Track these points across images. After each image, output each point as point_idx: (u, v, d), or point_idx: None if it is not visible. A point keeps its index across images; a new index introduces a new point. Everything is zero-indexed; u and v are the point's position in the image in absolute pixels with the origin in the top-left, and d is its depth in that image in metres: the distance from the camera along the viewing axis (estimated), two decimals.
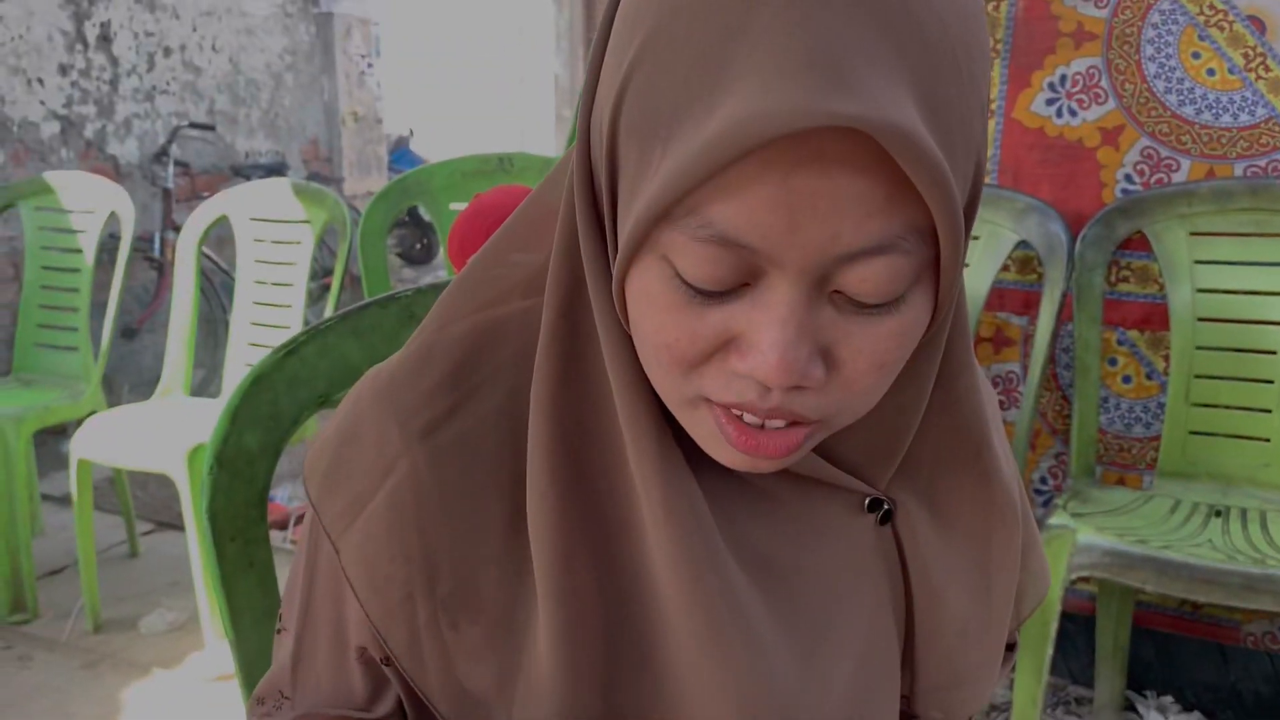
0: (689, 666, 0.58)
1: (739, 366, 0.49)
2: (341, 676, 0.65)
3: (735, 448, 0.52)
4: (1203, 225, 1.92)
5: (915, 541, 0.64)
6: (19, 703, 2.25)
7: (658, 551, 0.57)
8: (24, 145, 4.10)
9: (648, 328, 0.50)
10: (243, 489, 0.83)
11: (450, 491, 0.58)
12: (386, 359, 0.65)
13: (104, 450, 2.47)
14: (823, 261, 0.46)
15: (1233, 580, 1.55)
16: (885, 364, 0.50)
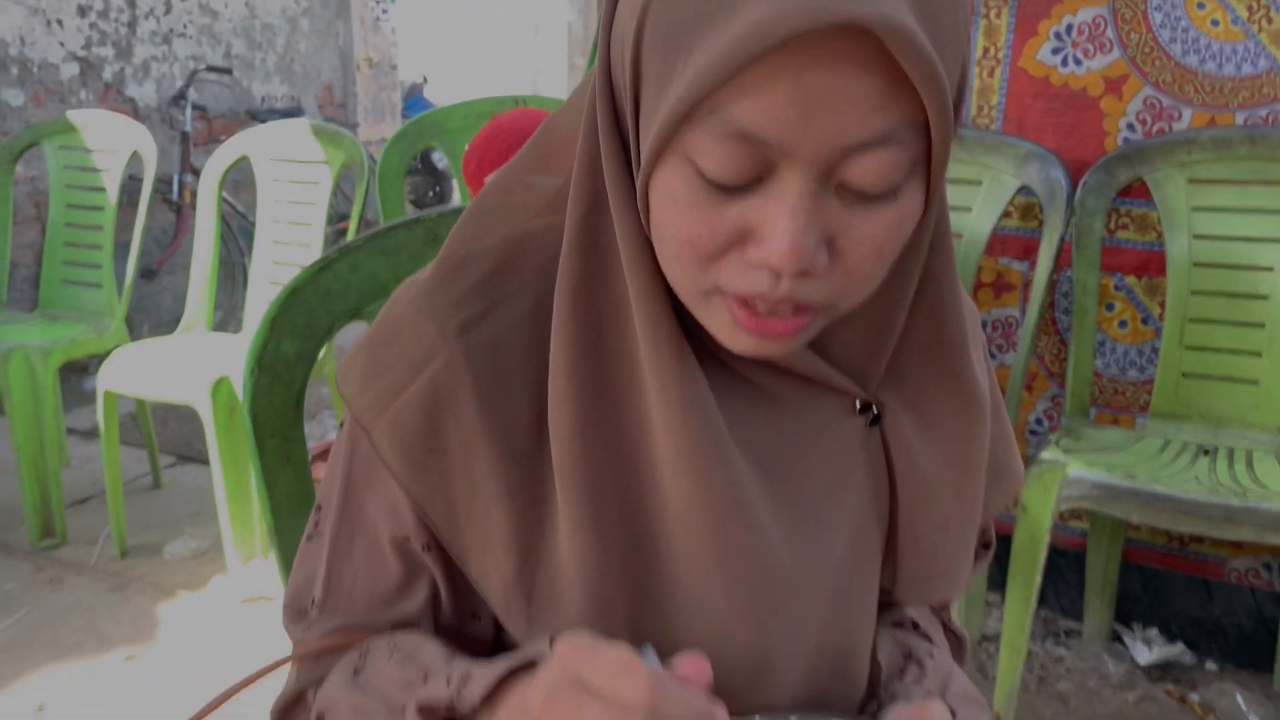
0: (696, 547, 0.64)
1: (753, 256, 0.55)
2: (376, 569, 0.71)
3: (746, 330, 0.58)
4: (1202, 173, 1.97)
5: (901, 443, 0.71)
6: (52, 622, 2.35)
7: (668, 444, 0.63)
8: (44, 86, 4.15)
9: (671, 226, 0.56)
10: (281, 391, 0.90)
11: (482, 385, 0.64)
12: (414, 274, 0.71)
13: (130, 382, 2.55)
14: (831, 153, 0.51)
15: (1214, 512, 1.62)
16: (883, 252, 0.56)
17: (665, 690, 0.51)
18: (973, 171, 2.08)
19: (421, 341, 0.65)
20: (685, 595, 0.65)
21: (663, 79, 0.53)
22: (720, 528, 0.63)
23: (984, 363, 0.77)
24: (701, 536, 0.63)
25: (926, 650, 0.79)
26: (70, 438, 3.34)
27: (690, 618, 0.65)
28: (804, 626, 0.68)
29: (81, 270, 3.00)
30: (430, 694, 0.61)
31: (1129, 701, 1.99)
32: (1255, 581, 2.06)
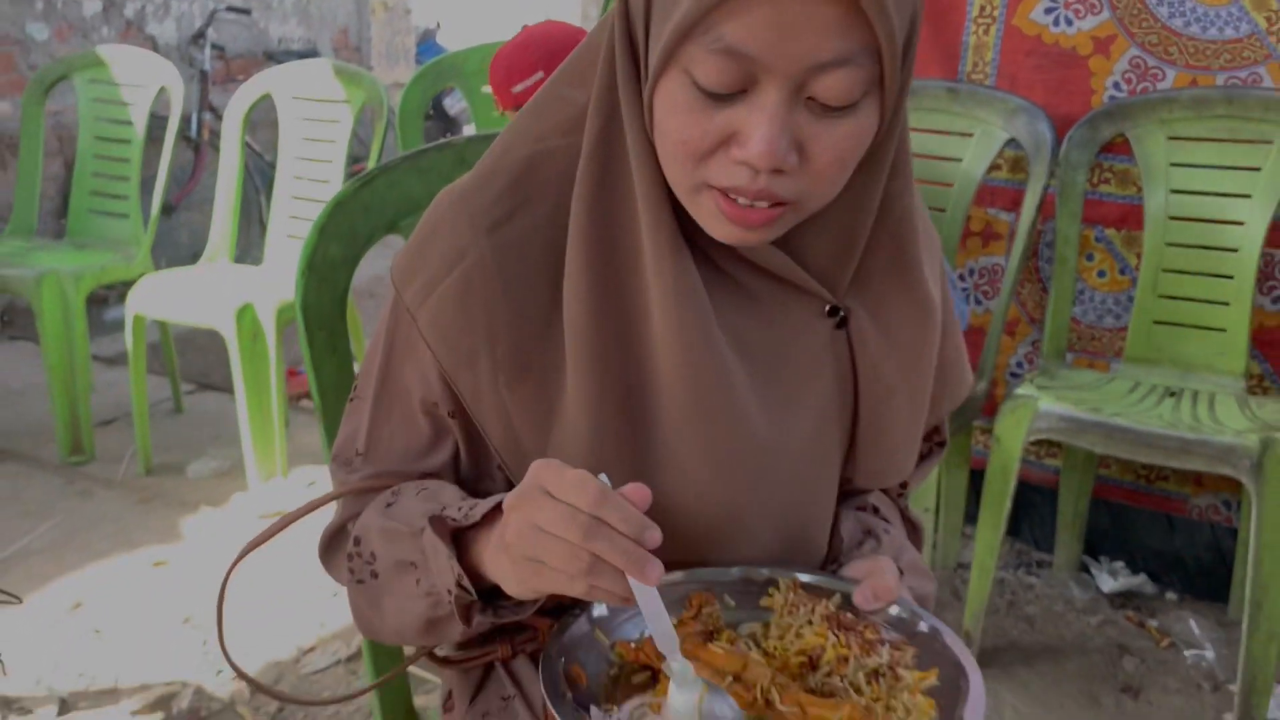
0: (681, 411, 0.77)
1: (736, 154, 0.67)
2: (410, 428, 0.85)
3: (729, 220, 0.70)
4: (1181, 130, 2.07)
5: (864, 344, 0.83)
6: (84, 529, 2.50)
7: (662, 321, 0.76)
8: (67, 22, 4.24)
9: (670, 128, 0.69)
10: (328, 290, 1.03)
11: (509, 276, 0.77)
12: (451, 183, 0.83)
13: (157, 307, 2.68)
14: (801, 70, 0.64)
15: (1170, 444, 1.75)
16: (843, 159, 0.69)
17: (609, 500, 0.64)
18: (965, 124, 2.19)
19: (457, 239, 0.78)
20: (672, 455, 0.78)
21: (669, 4, 0.66)
22: (703, 395, 0.76)
23: (938, 280, 0.89)
24: (686, 402, 0.76)
25: (883, 528, 0.92)
26: (94, 364, 3.48)
27: (676, 474, 0.78)
28: (772, 492, 0.81)
29: (108, 201, 3.12)
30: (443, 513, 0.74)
31: (1091, 625, 2.14)
32: (1215, 518, 2.20)
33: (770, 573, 0.81)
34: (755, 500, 0.80)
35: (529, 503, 0.66)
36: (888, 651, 0.74)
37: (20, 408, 3.22)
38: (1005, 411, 1.90)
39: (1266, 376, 2.13)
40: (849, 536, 0.90)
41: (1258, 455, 1.71)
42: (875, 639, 0.75)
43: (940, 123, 2.21)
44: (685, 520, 0.79)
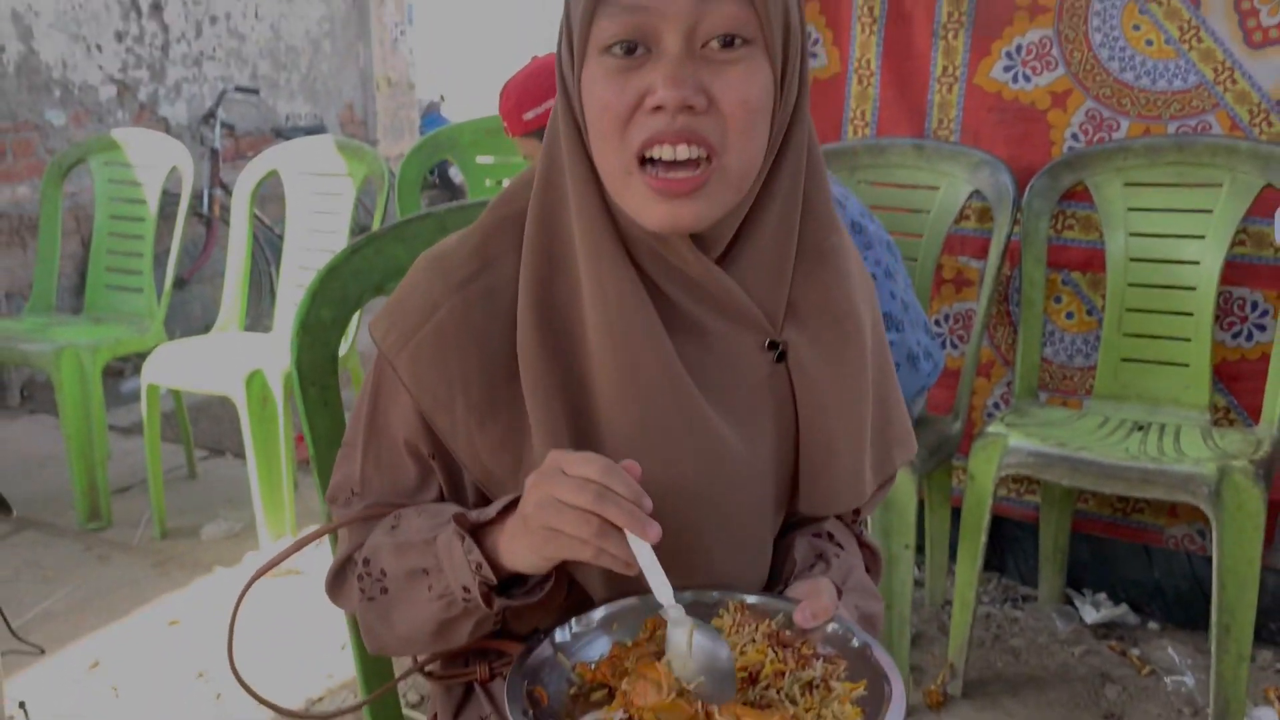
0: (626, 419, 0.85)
1: (649, 103, 0.78)
2: (397, 468, 0.94)
3: (658, 195, 0.80)
4: (1136, 176, 2.18)
5: (803, 377, 0.91)
6: (102, 592, 2.60)
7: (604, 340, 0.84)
8: (84, 108, 4.43)
9: (595, 101, 0.81)
10: (320, 349, 1.13)
11: (478, 326, 0.87)
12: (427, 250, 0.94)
13: (170, 376, 2.79)
14: (688, 9, 0.76)
15: (1131, 474, 1.84)
16: (745, 100, 0.79)
17: (614, 472, 0.75)
18: (931, 178, 2.30)
19: (431, 294, 0.88)
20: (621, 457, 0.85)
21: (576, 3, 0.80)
22: (649, 399, 0.84)
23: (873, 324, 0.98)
24: (629, 409, 0.85)
25: (834, 552, 1.00)
26: (111, 434, 3.59)
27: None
28: (715, 506, 0.89)
29: (124, 276, 3.25)
30: (462, 513, 0.84)
31: (1074, 655, 2.20)
32: (1190, 547, 2.27)
33: (720, 595, 0.90)
34: (694, 506, 0.88)
35: (548, 480, 0.76)
36: (821, 665, 0.82)
37: (41, 478, 3.33)
38: (977, 449, 1.99)
39: (1232, 409, 2.21)
40: (801, 560, 0.97)
41: (1215, 483, 1.79)
42: (810, 654, 0.82)
43: (908, 177, 2.33)
44: None
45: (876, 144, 2.40)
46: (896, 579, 1.99)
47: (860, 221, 1.83)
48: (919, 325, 1.89)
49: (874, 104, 2.49)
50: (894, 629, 2.00)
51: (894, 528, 1.97)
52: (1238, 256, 2.15)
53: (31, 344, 2.92)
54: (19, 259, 4.21)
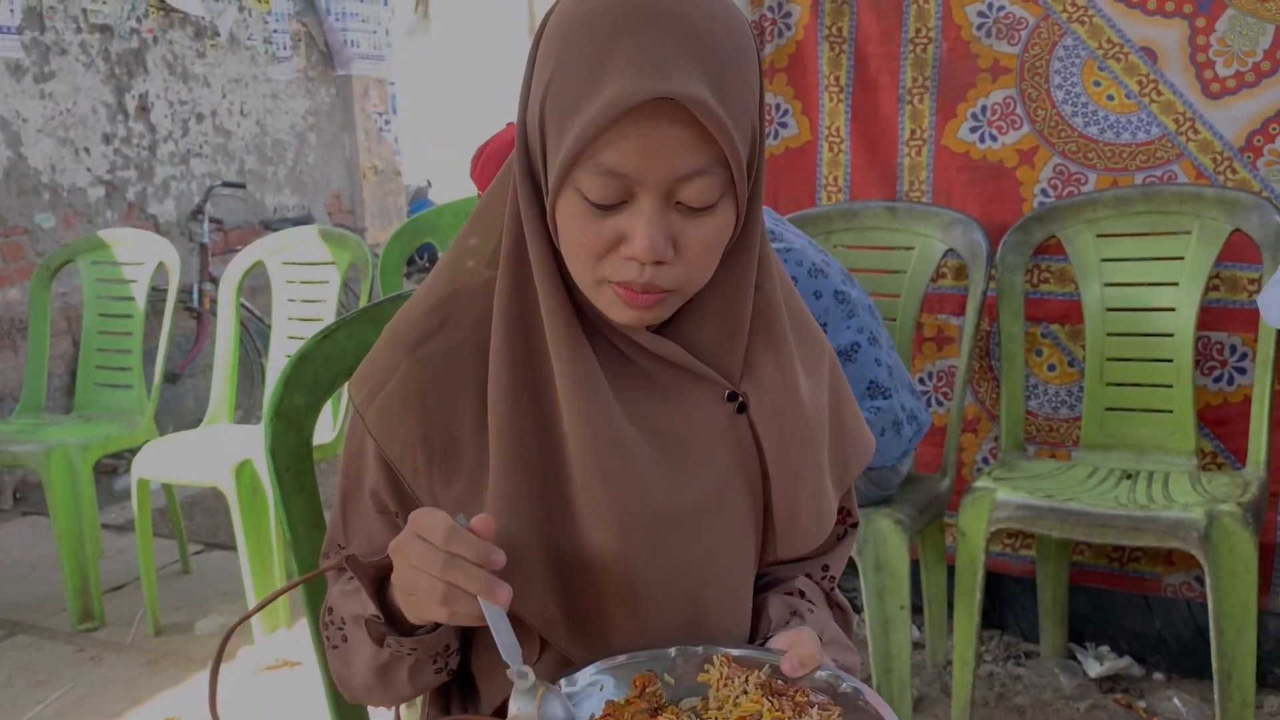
0: (586, 473, 0.87)
1: (625, 251, 0.82)
2: (372, 521, 0.96)
3: (626, 305, 0.85)
4: (1106, 227, 2.21)
5: (765, 424, 0.94)
6: (96, 694, 2.56)
7: (565, 405, 0.87)
8: (73, 209, 4.49)
9: (570, 235, 0.84)
10: (294, 435, 1.14)
11: (436, 384, 0.90)
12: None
13: (161, 469, 2.79)
14: (668, 181, 0.80)
15: (1120, 522, 1.83)
16: (709, 247, 0.85)
17: (455, 535, 0.78)
18: (905, 239, 2.33)
19: (390, 358, 0.92)
20: (582, 524, 0.88)
21: (560, 137, 0.81)
22: (605, 465, 0.87)
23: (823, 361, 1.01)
24: (590, 472, 0.87)
25: (807, 608, 1.01)
26: (104, 532, 3.57)
27: (587, 542, 0.88)
28: (674, 555, 0.90)
29: (113, 374, 3.27)
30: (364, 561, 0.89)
31: (1080, 710, 2.17)
32: (1189, 594, 2.25)
33: (705, 650, 0.90)
34: (657, 564, 0.90)
35: (402, 545, 0.81)
36: (817, 713, 0.83)
37: (33, 580, 3.30)
38: (966, 504, 1.99)
39: (1219, 453, 2.21)
40: (776, 618, 0.98)
41: (1205, 527, 1.79)
42: (805, 702, 0.84)
43: (882, 239, 2.36)
44: (596, 581, 0.89)
45: (850, 208, 2.43)
46: (894, 641, 1.97)
47: (843, 289, 1.83)
48: (904, 387, 1.90)
49: (845, 169, 2.53)
50: (895, 692, 1.97)
51: (888, 589, 1.95)
52: (1213, 301, 2.18)
53: (21, 445, 2.92)
54: (10, 361, 4.23)
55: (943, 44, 2.39)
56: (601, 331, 0.90)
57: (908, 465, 1.98)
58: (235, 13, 5.19)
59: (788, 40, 2.56)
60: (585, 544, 0.89)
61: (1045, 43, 2.30)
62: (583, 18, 0.80)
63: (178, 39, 4.91)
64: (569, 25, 0.81)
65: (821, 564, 1.07)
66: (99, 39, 4.55)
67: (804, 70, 2.55)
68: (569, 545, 0.89)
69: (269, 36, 5.39)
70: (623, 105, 0.77)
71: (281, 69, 5.48)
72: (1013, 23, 2.32)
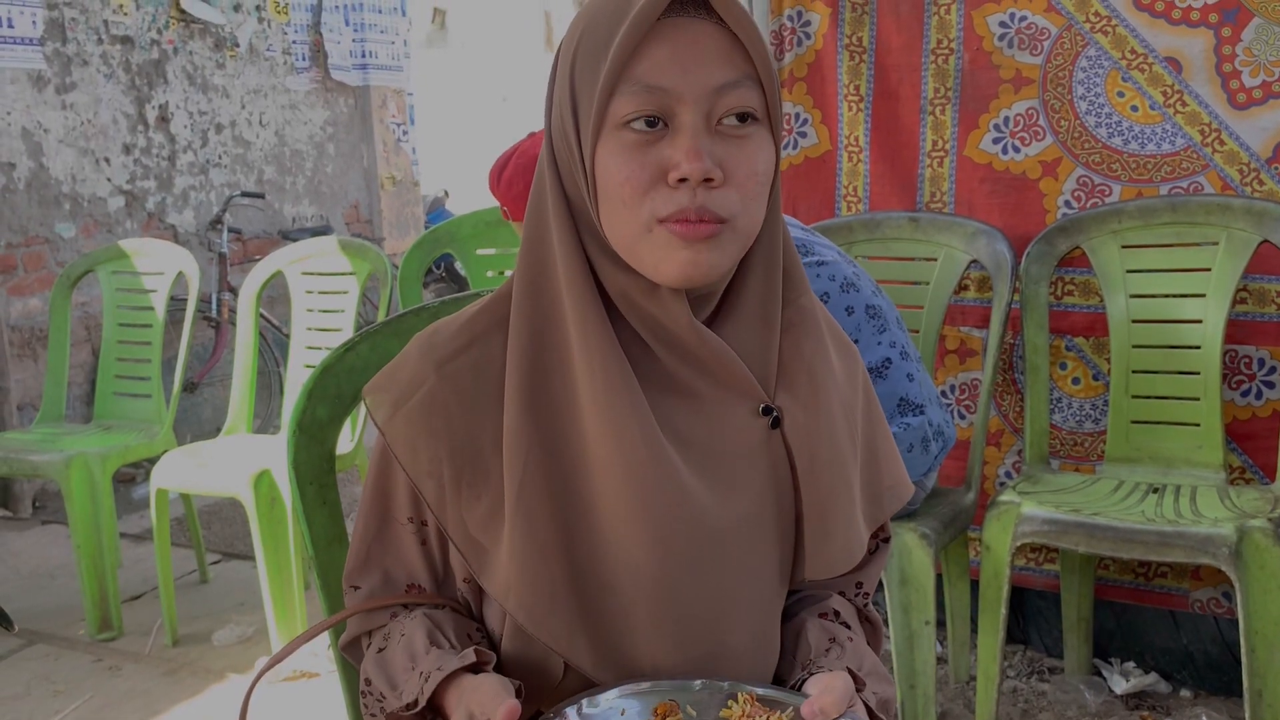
0: (615, 505, 0.85)
1: (672, 177, 0.81)
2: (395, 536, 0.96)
3: (679, 239, 0.81)
4: (1131, 239, 2.19)
5: (799, 439, 0.91)
6: (113, 705, 2.56)
7: (590, 412, 0.85)
8: (93, 219, 4.51)
9: (614, 174, 0.82)
10: (317, 447, 1.13)
11: (463, 400, 0.89)
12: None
13: (178, 479, 2.79)
14: (706, 92, 0.80)
15: (1149, 537, 1.81)
16: (756, 170, 0.83)
17: None
18: (928, 250, 2.32)
19: (419, 371, 0.91)
20: (610, 531, 0.86)
21: (593, 81, 0.82)
22: (634, 469, 0.84)
23: (856, 377, 0.99)
24: (617, 476, 0.84)
25: (846, 636, 0.99)
26: (122, 542, 3.57)
27: (613, 560, 0.86)
28: (709, 573, 0.88)
29: (132, 383, 3.27)
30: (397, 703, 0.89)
31: None
32: (1217, 610, 2.22)
33: (730, 686, 0.88)
34: (691, 583, 0.87)
35: None
36: None
37: (52, 589, 3.31)
38: (990, 518, 1.97)
39: (1248, 468, 2.19)
40: (815, 644, 0.96)
41: (1235, 543, 1.76)
42: None
43: (905, 250, 2.34)
44: (623, 601, 0.86)
45: (872, 218, 2.42)
46: (919, 657, 1.95)
47: (874, 303, 1.80)
48: (933, 401, 1.87)
49: (865, 180, 2.51)
50: (919, 708, 1.95)
51: (913, 604, 1.93)
52: (1241, 314, 2.15)
53: (41, 454, 2.92)
54: (30, 370, 4.25)
55: (964, 55, 2.38)
56: (636, 336, 0.87)
57: (933, 480, 1.96)
58: (255, 24, 5.22)
59: (807, 49, 2.55)
60: (613, 563, 0.87)
61: (1068, 53, 2.28)
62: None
63: (198, 50, 4.94)
64: (589, 3, 0.85)
65: (855, 580, 1.05)
66: (120, 50, 4.58)
67: (823, 80, 2.54)
68: (592, 564, 0.87)
69: (288, 47, 5.41)
70: (653, 11, 0.79)
71: (300, 80, 5.50)
72: (1035, 33, 2.30)
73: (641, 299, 0.86)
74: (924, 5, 2.41)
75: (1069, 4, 2.26)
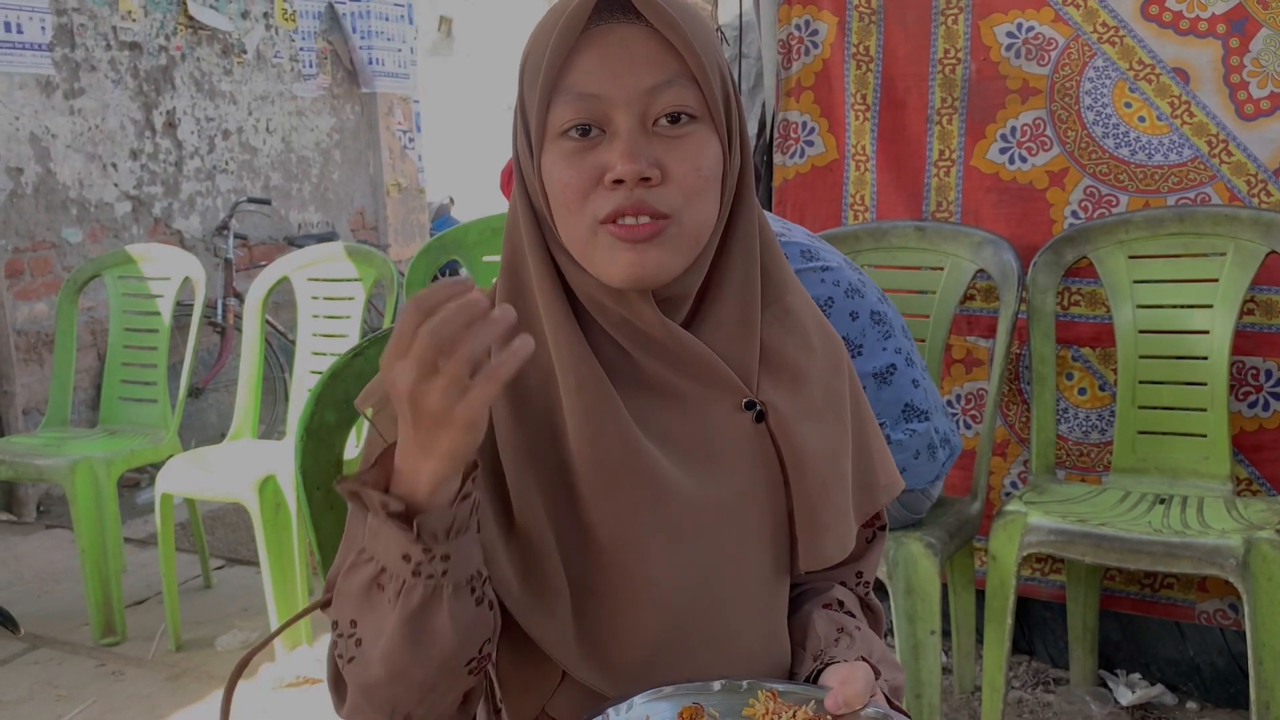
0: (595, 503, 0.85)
1: (608, 179, 0.82)
2: None
3: (622, 243, 0.82)
4: (1139, 249, 2.18)
5: (785, 432, 0.92)
6: (116, 709, 2.55)
7: (568, 413, 0.85)
8: (100, 224, 4.52)
9: (556, 180, 0.84)
10: (325, 452, 1.13)
11: None
12: None
13: (183, 484, 2.79)
14: (637, 96, 0.81)
15: (1155, 548, 1.80)
16: (698, 167, 0.84)
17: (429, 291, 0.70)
18: (935, 259, 2.32)
19: None
20: (594, 529, 0.86)
21: (533, 95, 0.84)
22: (610, 466, 0.85)
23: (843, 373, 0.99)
24: (595, 476, 0.85)
25: (854, 625, 1.00)
26: (126, 547, 3.57)
27: (600, 550, 0.87)
28: (692, 563, 0.88)
29: (138, 388, 3.28)
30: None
31: None
32: (1224, 622, 2.21)
33: (750, 684, 0.89)
34: (675, 572, 0.88)
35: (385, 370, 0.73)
36: None
37: (56, 594, 3.31)
38: (997, 528, 1.96)
39: (1255, 480, 2.18)
40: (824, 634, 0.96)
41: (1243, 554, 1.76)
42: None
43: (911, 259, 2.34)
44: (611, 599, 0.87)
45: (878, 227, 2.42)
46: (924, 667, 1.94)
47: (879, 309, 1.81)
48: (938, 409, 1.87)
49: (872, 189, 2.51)
50: (924, 718, 1.94)
51: (919, 613, 1.93)
52: (1248, 326, 2.15)
53: (46, 459, 2.92)
54: (37, 375, 4.26)
55: (971, 64, 2.38)
56: (613, 340, 0.88)
57: (939, 489, 1.95)
58: (262, 31, 5.23)
59: (814, 59, 2.55)
60: (598, 560, 0.87)
61: (1075, 64, 2.28)
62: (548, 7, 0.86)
63: (205, 56, 4.95)
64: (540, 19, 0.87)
65: (855, 570, 1.06)
66: (128, 56, 4.59)
67: (830, 89, 2.54)
68: (580, 563, 0.88)
69: (295, 54, 5.43)
70: (580, 18, 0.81)
71: (307, 86, 5.51)
72: (1042, 43, 2.30)
73: (610, 302, 0.87)
74: (931, 15, 2.41)
75: (1076, 14, 2.26)
